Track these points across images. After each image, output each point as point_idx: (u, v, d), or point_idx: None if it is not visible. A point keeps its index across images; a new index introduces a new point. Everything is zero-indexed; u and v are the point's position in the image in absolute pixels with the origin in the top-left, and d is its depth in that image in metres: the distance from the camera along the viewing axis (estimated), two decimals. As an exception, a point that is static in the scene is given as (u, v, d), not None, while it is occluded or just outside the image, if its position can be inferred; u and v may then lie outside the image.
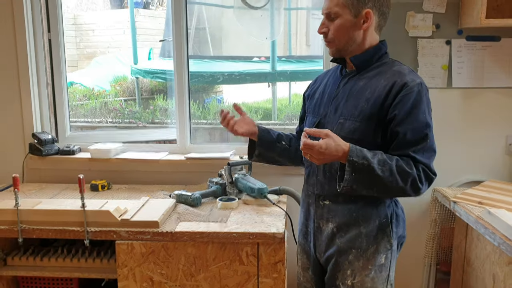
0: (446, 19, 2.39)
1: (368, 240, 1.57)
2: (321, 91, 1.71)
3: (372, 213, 1.57)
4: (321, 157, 1.41)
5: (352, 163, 1.40)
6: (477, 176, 2.51)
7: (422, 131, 1.46)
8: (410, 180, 1.43)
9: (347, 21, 1.52)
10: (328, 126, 1.58)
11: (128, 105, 3.83)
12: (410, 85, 1.46)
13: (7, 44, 2.51)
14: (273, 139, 1.87)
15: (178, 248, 1.87)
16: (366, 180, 1.42)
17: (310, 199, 1.69)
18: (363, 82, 1.56)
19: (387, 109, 1.47)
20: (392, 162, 1.42)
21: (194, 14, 4.37)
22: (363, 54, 1.57)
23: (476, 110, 2.47)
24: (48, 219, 1.90)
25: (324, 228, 1.64)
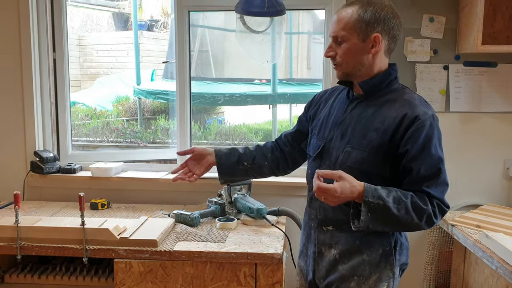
0: (443, 45, 2.43)
1: (370, 268, 1.53)
2: (326, 113, 1.65)
3: (376, 241, 1.53)
4: (335, 200, 1.37)
5: (367, 204, 1.36)
6: (475, 200, 2.52)
7: (435, 166, 1.43)
8: (426, 217, 1.40)
9: (354, 45, 1.46)
10: (334, 151, 1.55)
11: (130, 125, 3.87)
12: (422, 119, 1.41)
13: (13, 62, 2.56)
14: (234, 163, 1.79)
15: (176, 268, 1.87)
16: (381, 219, 1.39)
17: (313, 222, 1.64)
18: (372, 109, 1.50)
19: (398, 142, 1.43)
20: (407, 200, 1.39)
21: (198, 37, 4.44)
22: (372, 79, 1.50)
23: (474, 134, 2.50)
24: (47, 236, 1.91)
25: (326, 254, 1.59)
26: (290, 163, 1.84)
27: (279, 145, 1.86)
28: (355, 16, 1.45)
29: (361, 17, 1.45)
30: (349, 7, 1.48)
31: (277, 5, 2.31)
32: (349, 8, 1.48)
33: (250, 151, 1.84)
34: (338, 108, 1.61)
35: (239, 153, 1.82)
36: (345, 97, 1.62)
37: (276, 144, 1.87)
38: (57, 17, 2.63)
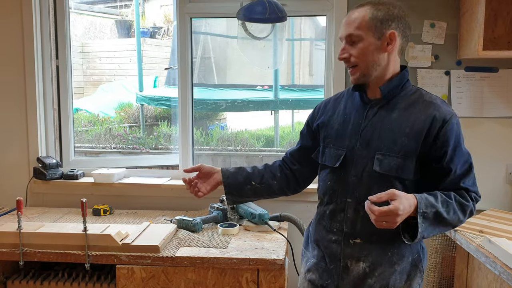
0: (445, 50, 2.44)
1: (402, 278, 1.50)
2: (340, 120, 1.57)
3: (406, 250, 1.51)
4: (399, 220, 1.31)
5: (422, 214, 1.34)
6: (477, 205, 2.49)
7: (467, 162, 1.47)
8: (469, 211, 1.45)
9: (371, 44, 1.43)
10: (359, 160, 1.48)
11: (132, 131, 3.88)
12: (449, 120, 1.43)
13: (16, 69, 2.58)
14: (241, 183, 1.69)
15: (178, 273, 1.87)
16: (434, 225, 1.38)
17: (335, 236, 1.54)
18: (396, 113, 1.47)
19: (430, 145, 1.42)
20: (452, 200, 1.41)
21: (200, 43, 4.46)
22: (391, 82, 1.48)
23: (476, 140, 2.49)
24: (49, 242, 1.92)
25: (353, 268, 1.52)
26: (301, 181, 1.75)
27: (287, 164, 1.76)
28: (369, 15, 1.43)
29: (374, 16, 1.42)
30: (360, 8, 1.46)
31: (278, 11, 2.32)
32: (360, 8, 1.46)
33: (259, 170, 1.74)
34: (355, 114, 1.54)
35: (247, 172, 1.72)
36: (360, 102, 1.55)
37: (284, 163, 1.77)
38: (60, 25, 2.65)
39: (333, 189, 1.55)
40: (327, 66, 2.55)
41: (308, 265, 1.63)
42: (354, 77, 1.48)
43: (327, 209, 1.58)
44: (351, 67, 1.47)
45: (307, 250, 1.67)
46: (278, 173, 1.73)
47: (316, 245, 1.61)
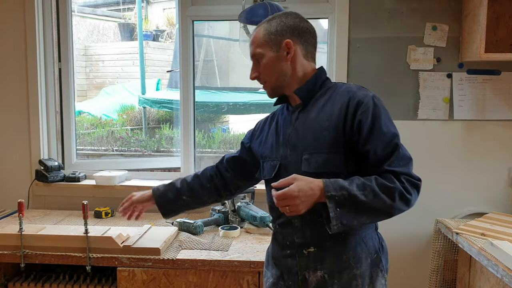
0: (447, 53, 2.44)
1: (363, 281, 1.44)
2: (274, 135, 1.59)
3: (362, 251, 1.45)
4: (298, 202, 1.29)
5: (332, 198, 1.30)
6: (480, 208, 2.50)
7: (391, 143, 1.37)
8: (398, 195, 1.33)
9: (271, 58, 1.48)
10: (292, 166, 1.47)
11: (134, 133, 3.89)
12: (364, 101, 1.40)
13: (19, 71, 2.59)
14: (172, 200, 1.77)
15: (179, 276, 1.87)
16: (352, 210, 1.31)
17: (289, 249, 1.51)
18: (315, 112, 1.48)
19: (350, 131, 1.39)
20: (372, 183, 1.33)
21: (203, 46, 4.46)
22: (305, 85, 1.50)
23: (478, 142, 2.49)
24: (51, 245, 1.92)
25: (312, 279, 1.46)
26: (232, 189, 1.79)
27: (219, 171, 1.79)
28: (262, 31, 1.49)
29: (268, 30, 1.48)
30: (257, 27, 1.53)
31: (280, 14, 2.32)
32: (258, 28, 1.53)
33: (188, 183, 1.78)
34: (283, 125, 1.57)
35: (176, 188, 1.78)
36: (286, 113, 1.59)
37: (216, 170, 1.80)
38: (63, 27, 2.67)
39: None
40: (328, 69, 2.55)
41: (268, 284, 1.59)
42: (268, 92, 1.54)
43: (277, 224, 1.56)
44: (262, 84, 1.53)
45: (267, 269, 1.61)
46: (207, 183, 1.78)
47: (274, 264, 1.58)
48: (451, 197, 2.51)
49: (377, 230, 1.55)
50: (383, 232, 2.55)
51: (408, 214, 2.52)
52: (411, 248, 2.56)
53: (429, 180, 2.51)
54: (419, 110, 2.48)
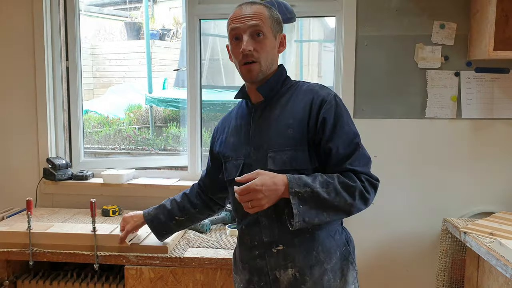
0: (454, 51, 2.42)
1: (335, 276, 1.43)
2: (234, 133, 1.55)
3: (331, 245, 1.44)
4: (261, 196, 1.27)
5: (296, 194, 1.29)
6: (488, 207, 2.49)
7: (352, 142, 1.39)
8: (358, 194, 1.34)
9: (271, 42, 1.45)
10: (256, 165, 1.43)
11: (141, 132, 3.90)
12: (327, 100, 1.41)
13: (26, 70, 2.60)
14: (165, 222, 1.77)
15: (186, 274, 1.87)
16: (314, 208, 1.30)
17: (257, 250, 1.48)
18: (278, 110, 1.46)
19: (313, 128, 1.40)
20: (334, 181, 1.33)
21: (209, 45, 4.46)
22: (268, 83, 1.47)
23: (486, 141, 2.48)
24: (59, 243, 1.93)
25: (283, 278, 1.44)
26: (221, 202, 1.79)
27: (201, 188, 1.79)
28: (267, 13, 1.44)
29: (270, 15, 1.45)
30: (254, 5, 1.45)
31: (287, 12, 2.31)
32: (255, 5, 1.45)
33: (177, 202, 1.77)
34: (244, 122, 1.53)
35: (167, 209, 1.77)
36: (246, 110, 1.55)
37: (199, 187, 1.80)
38: (70, 26, 2.68)
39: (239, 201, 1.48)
40: (336, 68, 2.54)
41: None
42: (252, 73, 1.44)
43: (243, 225, 1.53)
44: (249, 62, 1.42)
45: (237, 274, 1.59)
46: (196, 200, 1.77)
47: (242, 267, 1.55)
48: (459, 196, 2.50)
49: (342, 225, 1.54)
50: (388, 231, 2.56)
51: (415, 213, 2.54)
52: (418, 247, 2.55)
53: (436, 179, 2.51)
54: (426, 109, 2.47)
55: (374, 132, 2.49)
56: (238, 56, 1.44)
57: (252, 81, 1.47)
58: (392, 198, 2.53)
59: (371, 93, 2.47)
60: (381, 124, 2.50)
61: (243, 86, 1.57)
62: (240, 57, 1.42)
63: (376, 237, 2.57)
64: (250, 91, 1.53)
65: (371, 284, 2.59)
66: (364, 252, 2.55)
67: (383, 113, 2.48)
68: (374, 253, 2.58)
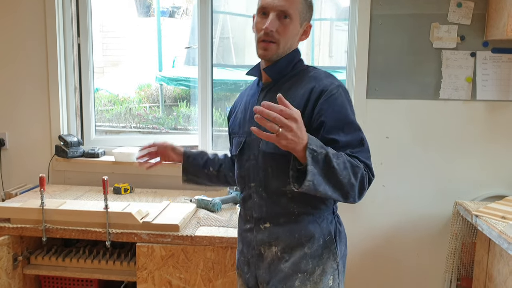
0: (471, 31, 2.37)
1: (313, 262, 1.43)
2: (242, 109, 1.58)
3: (315, 231, 1.44)
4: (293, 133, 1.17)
5: (312, 153, 1.21)
6: (500, 191, 2.47)
7: (356, 133, 1.35)
8: (360, 176, 1.29)
9: (295, 28, 1.42)
10: (254, 144, 1.46)
11: (152, 111, 3.89)
12: (329, 89, 1.37)
13: (38, 47, 2.60)
14: (201, 165, 1.74)
15: (197, 252, 1.89)
16: (323, 173, 1.24)
17: (249, 224, 1.52)
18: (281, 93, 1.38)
19: (309, 116, 1.36)
20: (343, 156, 1.27)
21: (219, 23, 4.42)
22: (277, 65, 1.45)
23: (500, 123, 2.44)
24: (71, 219, 1.95)
25: (267, 254, 1.47)
26: None
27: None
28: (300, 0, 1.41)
29: (303, 3, 1.42)
30: None
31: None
32: None
33: (219, 158, 1.77)
34: (251, 101, 1.53)
35: (208, 157, 1.76)
36: (256, 89, 1.55)
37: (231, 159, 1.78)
38: (82, 3, 2.65)
39: (241, 176, 1.53)
40: (350, 47, 2.50)
41: (236, 260, 1.63)
42: (268, 52, 1.42)
43: (241, 198, 1.57)
44: (268, 41, 1.40)
45: (237, 244, 1.64)
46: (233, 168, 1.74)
47: (238, 239, 1.60)
48: (471, 179, 2.48)
49: (335, 213, 1.52)
50: (399, 212, 2.55)
51: (426, 195, 2.52)
52: (428, 230, 2.55)
53: (448, 161, 2.49)
54: (440, 90, 2.43)
55: (387, 112, 2.47)
56: (259, 31, 1.42)
57: (265, 60, 1.46)
58: (403, 179, 2.51)
59: (385, 73, 2.44)
60: (394, 105, 2.47)
61: (257, 64, 1.55)
62: (261, 33, 1.41)
63: (386, 219, 2.57)
64: (262, 70, 1.51)
65: (380, 265, 2.60)
66: (374, 233, 2.56)
67: (396, 94, 2.45)
68: (385, 234, 2.58)
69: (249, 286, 1.55)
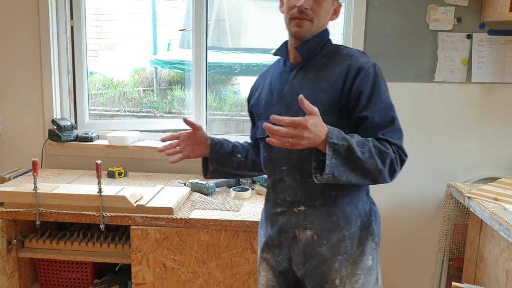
0: (468, 12, 2.35)
1: (352, 243, 1.44)
2: (267, 91, 1.54)
3: (352, 213, 1.44)
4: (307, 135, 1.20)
5: (332, 146, 1.23)
6: (493, 173, 2.48)
7: (388, 113, 1.36)
8: (389, 162, 1.30)
9: (329, 6, 1.43)
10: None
11: (146, 94, 3.87)
12: (365, 67, 1.37)
13: (31, 29, 2.56)
14: (228, 153, 1.65)
15: (191, 235, 1.90)
16: (347, 164, 1.26)
17: (280, 207, 1.50)
18: (313, 72, 1.44)
19: (347, 94, 1.37)
20: (370, 143, 1.29)
21: (215, 5, 4.37)
22: (309, 43, 1.44)
23: (495, 106, 2.44)
24: (65, 203, 1.95)
25: (301, 237, 1.46)
26: None
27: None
28: None
29: None
30: None
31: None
32: None
33: (243, 145, 1.72)
34: (279, 82, 1.51)
35: (233, 144, 1.70)
36: (282, 68, 1.53)
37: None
38: (73, -16, 2.61)
39: (270, 159, 1.52)
40: (345, 29, 2.48)
41: (260, 244, 1.60)
42: (302, 29, 1.41)
43: (269, 182, 1.56)
44: (302, 19, 1.40)
45: (261, 229, 1.62)
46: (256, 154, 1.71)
47: (266, 223, 1.58)
48: (464, 161, 2.48)
49: (368, 194, 1.53)
50: (393, 194, 2.56)
51: (420, 177, 2.53)
52: (421, 211, 2.56)
53: (442, 143, 2.49)
54: (436, 72, 2.42)
55: (382, 96, 2.45)
56: (291, 9, 1.41)
57: (297, 38, 1.44)
58: (397, 162, 2.52)
59: (380, 56, 2.42)
60: (389, 88, 2.45)
61: (284, 44, 1.53)
62: (295, 10, 1.40)
63: (379, 199, 2.56)
64: (290, 49, 1.50)
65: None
66: (368, 215, 2.57)
67: (392, 77, 2.43)
68: (378, 217, 2.59)
69: (274, 269, 1.53)
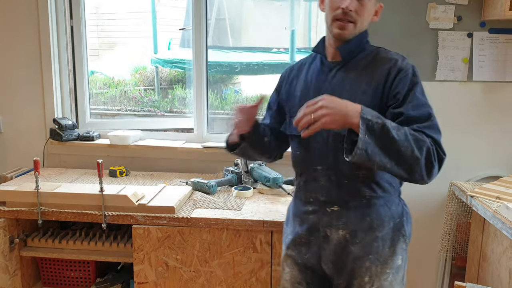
0: (468, 11, 2.35)
1: (384, 244, 1.46)
2: (303, 87, 1.54)
3: (386, 215, 1.46)
4: (325, 112, 1.21)
5: (365, 121, 1.22)
6: (495, 171, 2.47)
7: (424, 109, 1.36)
8: (425, 150, 1.27)
9: (371, 8, 1.44)
10: None
11: (147, 94, 3.87)
12: (404, 68, 1.40)
13: (31, 29, 2.56)
14: (261, 133, 1.61)
15: (193, 234, 1.90)
16: (380, 143, 1.23)
17: (312, 206, 1.51)
18: (354, 74, 1.45)
19: (387, 97, 1.39)
20: (406, 129, 1.27)
21: (215, 4, 4.37)
22: (350, 44, 1.45)
23: (496, 104, 2.44)
24: (67, 202, 1.95)
25: (333, 236, 1.47)
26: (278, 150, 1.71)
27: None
28: None
29: None
30: None
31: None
32: None
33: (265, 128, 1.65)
34: (316, 79, 1.51)
35: (265, 124, 1.66)
36: (320, 66, 1.53)
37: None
38: (74, -17, 2.61)
39: (303, 158, 1.52)
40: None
41: (286, 241, 1.60)
42: (345, 32, 1.42)
43: (300, 180, 1.56)
44: (346, 21, 1.41)
45: (287, 226, 1.62)
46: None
47: (294, 220, 1.58)
48: (467, 160, 2.48)
49: (400, 196, 1.55)
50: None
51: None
52: (424, 210, 2.56)
53: (445, 142, 2.47)
54: (437, 71, 2.42)
55: (383, 94, 2.45)
56: (334, 10, 1.41)
57: (339, 39, 1.45)
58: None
59: (381, 55, 2.42)
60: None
61: (321, 41, 1.53)
62: (339, 11, 1.40)
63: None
64: (328, 48, 1.50)
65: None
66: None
67: (393, 75, 2.43)
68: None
69: (300, 266, 1.54)
